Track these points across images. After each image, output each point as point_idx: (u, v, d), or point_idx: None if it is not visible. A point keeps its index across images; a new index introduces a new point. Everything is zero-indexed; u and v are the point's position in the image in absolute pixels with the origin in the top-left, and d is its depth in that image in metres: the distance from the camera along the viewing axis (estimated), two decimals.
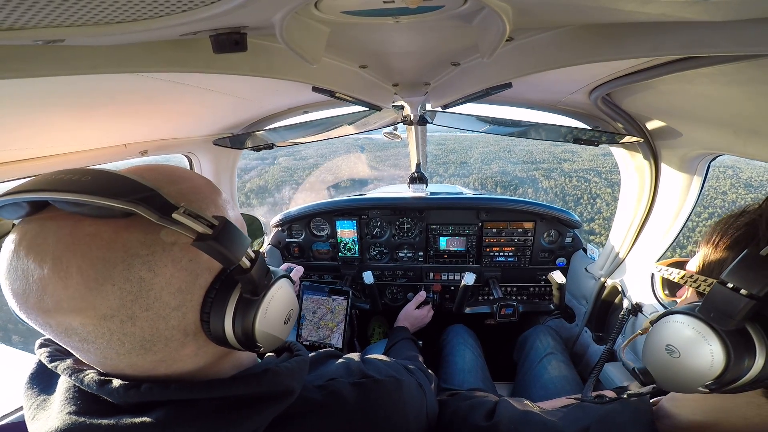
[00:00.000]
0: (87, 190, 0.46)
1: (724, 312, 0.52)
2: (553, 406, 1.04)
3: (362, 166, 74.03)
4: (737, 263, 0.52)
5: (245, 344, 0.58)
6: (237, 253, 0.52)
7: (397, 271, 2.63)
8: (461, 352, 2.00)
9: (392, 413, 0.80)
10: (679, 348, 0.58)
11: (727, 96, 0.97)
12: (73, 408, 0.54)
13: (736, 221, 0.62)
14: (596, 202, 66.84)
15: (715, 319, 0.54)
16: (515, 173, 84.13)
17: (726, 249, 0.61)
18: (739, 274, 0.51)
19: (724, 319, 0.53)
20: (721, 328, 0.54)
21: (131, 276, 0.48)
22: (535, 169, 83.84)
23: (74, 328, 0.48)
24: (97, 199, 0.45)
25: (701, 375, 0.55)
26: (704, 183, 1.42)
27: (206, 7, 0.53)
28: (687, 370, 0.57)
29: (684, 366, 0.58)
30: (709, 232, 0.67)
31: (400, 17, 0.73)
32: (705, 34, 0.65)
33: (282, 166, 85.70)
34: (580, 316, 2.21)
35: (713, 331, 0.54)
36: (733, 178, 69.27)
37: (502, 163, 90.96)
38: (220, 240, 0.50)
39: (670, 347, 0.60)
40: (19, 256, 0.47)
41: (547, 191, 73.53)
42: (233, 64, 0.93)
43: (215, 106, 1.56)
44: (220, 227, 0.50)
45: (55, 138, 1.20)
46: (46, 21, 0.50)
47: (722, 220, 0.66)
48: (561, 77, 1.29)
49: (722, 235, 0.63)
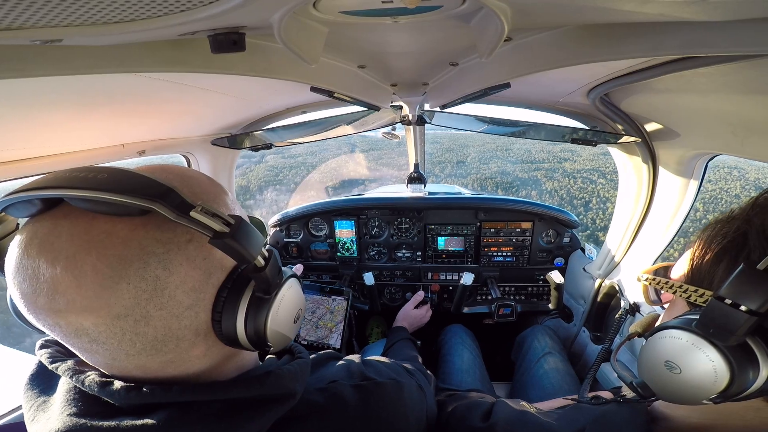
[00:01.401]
0: (104, 187, 0.46)
1: (724, 328, 0.51)
2: (550, 406, 1.03)
3: (356, 166, 72.91)
4: (735, 278, 0.51)
5: (256, 344, 0.58)
6: (253, 251, 0.52)
7: (396, 271, 2.63)
8: (459, 352, 2.00)
9: (393, 416, 0.80)
10: (679, 364, 0.57)
11: (725, 96, 0.98)
12: (73, 409, 0.53)
13: (723, 228, 0.61)
14: (607, 207, 64.08)
15: (714, 335, 0.53)
16: (515, 173, 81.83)
17: (714, 257, 0.60)
18: (737, 290, 0.50)
19: (725, 335, 0.51)
20: (722, 344, 0.53)
21: (147, 274, 0.48)
22: (536, 170, 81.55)
23: (85, 329, 0.48)
24: (115, 196, 0.45)
25: (705, 390, 0.55)
26: (702, 183, 1.42)
27: (204, 7, 0.53)
28: (690, 386, 0.56)
29: (686, 382, 0.56)
30: (695, 239, 0.66)
31: (398, 17, 0.73)
32: (703, 34, 0.66)
33: (268, 164, 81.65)
34: (578, 315, 2.22)
35: (714, 347, 0.53)
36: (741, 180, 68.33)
37: (501, 163, 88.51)
38: (237, 238, 0.49)
39: (669, 363, 0.58)
40: (29, 255, 0.46)
41: (551, 194, 71.07)
42: (232, 64, 0.93)
43: (213, 106, 1.56)
44: (237, 225, 0.50)
45: (53, 138, 1.19)
46: (43, 21, 0.50)
47: (708, 226, 0.65)
48: (559, 77, 1.29)
49: (710, 243, 0.62)
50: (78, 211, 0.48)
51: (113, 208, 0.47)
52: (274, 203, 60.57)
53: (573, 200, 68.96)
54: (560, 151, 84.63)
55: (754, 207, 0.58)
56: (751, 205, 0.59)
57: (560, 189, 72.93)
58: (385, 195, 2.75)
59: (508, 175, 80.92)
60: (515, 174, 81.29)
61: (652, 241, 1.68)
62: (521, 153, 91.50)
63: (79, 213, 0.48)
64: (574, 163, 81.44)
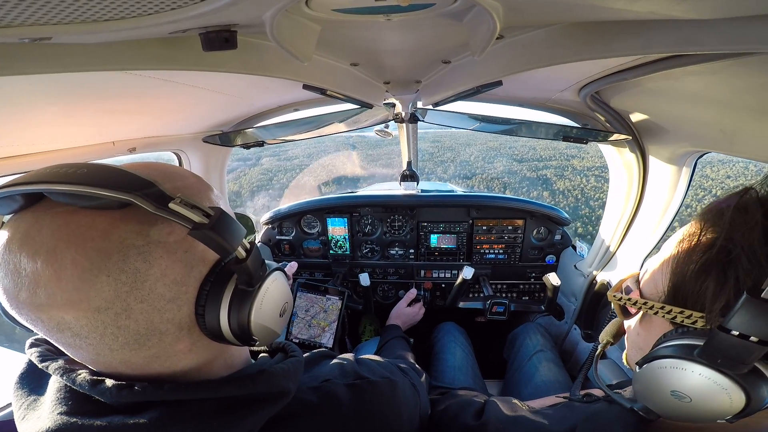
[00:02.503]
0: (83, 181, 0.46)
1: (735, 359, 0.51)
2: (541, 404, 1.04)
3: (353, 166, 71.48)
4: (741, 309, 0.49)
5: (240, 338, 0.58)
6: (233, 242, 0.52)
7: (388, 268, 2.64)
8: (452, 349, 2.00)
9: (387, 414, 0.80)
10: (689, 394, 0.56)
11: (714, 94, 0.99)
12: (64, 408, 0.53)
13: (699, 241, 0.59)
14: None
15: (724, 365, 0.52)
16: (523, 173, 78.49)
17: (697, 274, 0.58)
18: (745, 321, 0.49)
19: (736, 366, 0.51)
20: (734, 374, 0.52)
21: (126, 267, 0.48)
22: (544, 168, 78.34)
23: (67, 323, 0.48)
24: (94, 189, 0.45)
25: (721, 414, 0.55)
26: (691, 179, 1.44)
27: (195, 5, 0.53)
28: (703, 411, 0.56)
29: (699, 408, 0.56)
30: (673, 254, 0.64)
31: (391, 15, 0.73)
32: (693, 32, 0.66)
33: (264, 167, 78.37)
34: (569, 313, 2.23)
35: (727, 377, 0.53)
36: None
37: (507, 162, 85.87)
38: (216, 229, 0.50)
39: (677, 393, 0.57)
40: (10, 251, 0.46)
41: (565, 194, 67.77)
42: (223, 62, 0.92)
43: (205, 104, 1.55)
44: (216, 217, 0.51)
45: (42, 135, 1.18)
46: (32, 19, 0.49)
47: (682, 239, 0.63)
48: (551, 75, 1.30)
49: (688, 257, 0.60)
50: (59, 206, 0.49)
51: (93, 202, 0.47)
52: (266, 208, 57.88)
53: (589, 201, 66.06)
54: (566, 148, 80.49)
55: (731, 224, 0.56)
56: (727, 221, 0.56)
57: (573, 189, 69.86)
58: (378, 192, 2.75)
59: (515, 174, 77.69)
60: (523, 173, 78.10)
61: (643, 237, 1.70)
62: (525, 150, 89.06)
63: (60, 208, 0.49)
64: (582, 160, 78.30)
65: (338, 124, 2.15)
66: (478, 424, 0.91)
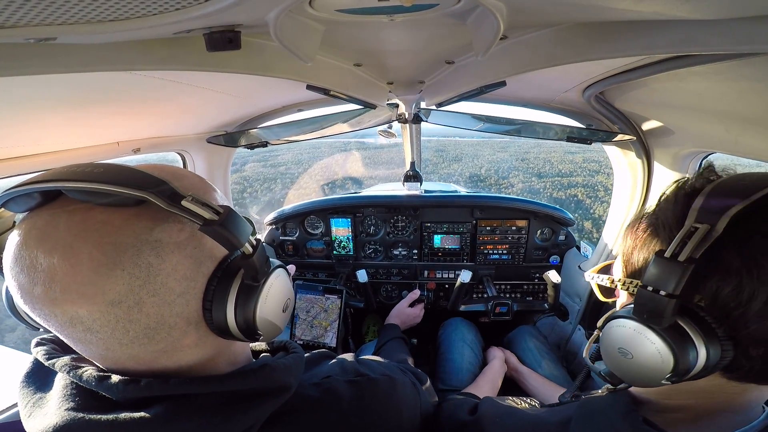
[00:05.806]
0: (100, 179, 0.48)
1: (654, 312, 0.56)
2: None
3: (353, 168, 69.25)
4: (650, 267, 0.57)
5: (246, 332, 0.59)
6: (241, 237, 0.54)
7: (392, 269, 2.63)
8: (459, 348, 1.99)
9: (386, 410, 0.82)
10: (630, 350, 0.61)
11: (719, 94, 0.98)
12: (71, 404, 0.54)
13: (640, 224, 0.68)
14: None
15: (649, 319, 0.57)
16: (548, 191, 70.78)
17: (638, 251, 0.66)
18: (654, 277, 0.56)
19: (657, 319, 0.56)
20: (658, 327, 0.57)
21: (140, 261, 0.50)
22: (569, 186, 71.75)
23: (80, 317, 0.49)
24: (111, 187, 0.47)
25: (658, 371, 0.58)
26: None
27: (200, 6, 0.53)
28: (644, 369, 0.60)
29: (639, 365, 0.61)
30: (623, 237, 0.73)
31: (394, 15, 0.73)
32: (697, 33, 0.66)
33: (243, 174, 72.86)
34: (574, 313, 2.22)
35: (652, 330, 0.58)
36: None
37: (523, 176, 79.88)
38: (226, 225, 0.52)
39: (622, 350, 0.63)
40: (27, 246, 0.47)
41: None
42: (227, 62, 0.92)
43: (209, 104, 1.55)
44: (226, 214, 0.52)
45: (47, 135, 1.19)
46: (37, 19, 0.50)
47: (630, 224, 0.72)
48: (555, 76, 1.30)
49: (633, 239, 0.68)
50: (75, 203, 0.50)
51: (109, 199, 0.49)
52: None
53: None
54: (583, 162, 76.77)
55: (659, 203, 0.66)
56: (657, 201, 0.67)
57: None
58: (382, 193, 2.75)
59: (538, 193, 72.03)
60: (547, 192, 71.79)
61: None
62: (539, 163, 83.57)
63: (75, 205, 0.50)
64: (608, 177, 72.82)
65: (342, 125, 2.15)
66: (474, 419, 0.93)
